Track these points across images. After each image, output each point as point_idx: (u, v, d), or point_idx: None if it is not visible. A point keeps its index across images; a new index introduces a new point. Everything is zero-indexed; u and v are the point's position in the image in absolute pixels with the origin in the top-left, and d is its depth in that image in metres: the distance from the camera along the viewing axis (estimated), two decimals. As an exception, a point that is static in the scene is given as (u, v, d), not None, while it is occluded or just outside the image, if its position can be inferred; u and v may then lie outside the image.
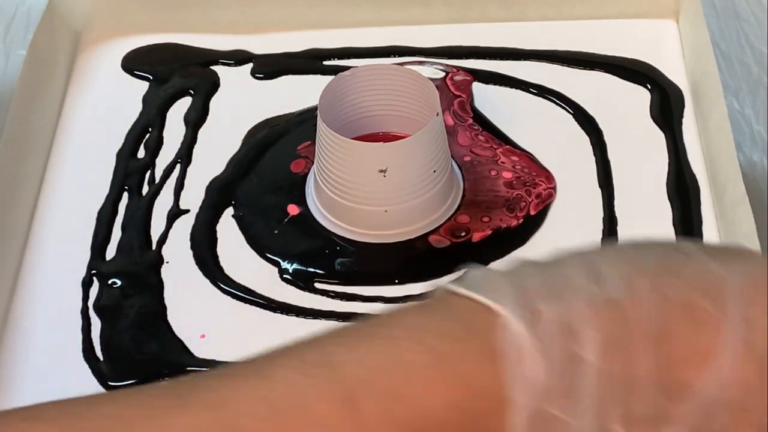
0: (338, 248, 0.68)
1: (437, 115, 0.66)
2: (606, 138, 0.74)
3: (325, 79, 0.69)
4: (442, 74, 0.77)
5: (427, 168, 0.66)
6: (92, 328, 0.65)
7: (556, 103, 0.76)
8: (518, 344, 0.38)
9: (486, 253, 0.67)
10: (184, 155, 0.74)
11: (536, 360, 0.37)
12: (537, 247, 0.68)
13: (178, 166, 0.74)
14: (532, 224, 0.69)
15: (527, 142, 0.73)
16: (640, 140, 0.74)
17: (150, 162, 0.74)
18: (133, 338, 0.64)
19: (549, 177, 0.71)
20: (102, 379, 0.63)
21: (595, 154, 0.73)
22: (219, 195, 0.72)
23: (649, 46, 0.79)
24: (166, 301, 0.66)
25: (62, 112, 0.77)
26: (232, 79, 0.79)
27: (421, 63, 0.78)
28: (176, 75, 0.79)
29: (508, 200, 0.69)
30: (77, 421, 0.38)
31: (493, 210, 0.69)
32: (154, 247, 0.69)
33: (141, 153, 0.74)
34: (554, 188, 0.70)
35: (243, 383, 0.38)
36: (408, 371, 0.38)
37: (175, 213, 0.71)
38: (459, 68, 0.78)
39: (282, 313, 0.65)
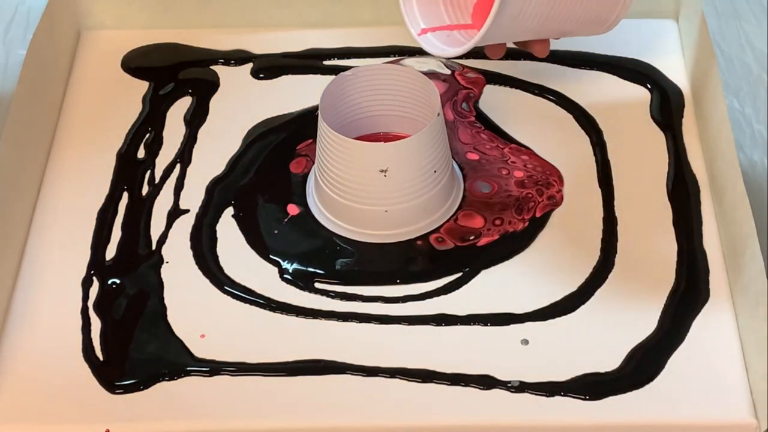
0: (338, 248, 0.68)
1: (438, 115, 0.66)
2: (606, 138, 0.74)
3: (325, 79, 0.69)
4: (449, 71, 0.76)
5: (427, 168, 0.66)
6: (92, 328, 0.65)
7: (557, 103, 0.76)
8: None
9: (487, 254, 0.67)
10: (184, 155, 0.74)
11: None
12: (538, 249, 0.68)
13: (178, 166, 0.74)
14: (535, 227, 0.69)
15: (527, 142, 0.73)
16: (640, 140, 0.74)
17: (150, 162, 0.74)
18: (133, 338, 0.64)
19: (560, 176, 0.71)
20: (102, 379, 0.63)
21: (595, 154, 0.73)
22: (219, 195, 0.72)
23: (649, 46, 0.79)
24: (166, 301, 0.66)
25: (62, 112, 0.77)
26: (232, 79, 0.79)
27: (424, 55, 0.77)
28: (176, 75, 0.79)
29: (518, 200, 0.69)
30: None
31: (505, 211, 0.69)
32: (154, 247, 0.69)
33: (141, 153, 0.74)
34: (562, 190, 0.71)
35: None
36: None
37: (175, 213, 0.71)
38: (471, 68, 0.77)
39: (282, 313, 0.65)
